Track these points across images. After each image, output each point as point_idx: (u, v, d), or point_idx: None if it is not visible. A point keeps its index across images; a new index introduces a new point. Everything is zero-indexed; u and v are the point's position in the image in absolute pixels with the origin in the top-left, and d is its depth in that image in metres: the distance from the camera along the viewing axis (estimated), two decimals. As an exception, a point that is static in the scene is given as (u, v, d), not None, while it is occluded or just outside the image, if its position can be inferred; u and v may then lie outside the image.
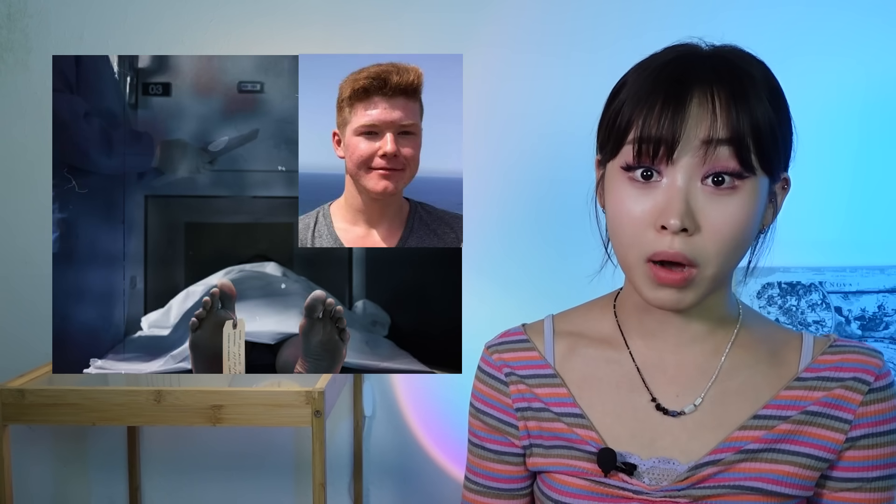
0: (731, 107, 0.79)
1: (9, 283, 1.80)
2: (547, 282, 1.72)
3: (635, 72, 0.85)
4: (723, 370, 0.89)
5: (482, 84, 1.71)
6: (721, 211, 0.80)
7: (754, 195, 0.81)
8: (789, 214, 0.99)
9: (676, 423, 0.88)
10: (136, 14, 1.75)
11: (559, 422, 0.91)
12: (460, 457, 1.03)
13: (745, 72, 0.81)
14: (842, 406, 0.86)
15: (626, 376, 0.91)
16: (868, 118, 1.67)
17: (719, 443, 0.86)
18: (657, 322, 0.90)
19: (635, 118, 0.81)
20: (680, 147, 0.79)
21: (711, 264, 0.80)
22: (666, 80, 0.81)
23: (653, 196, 0.81)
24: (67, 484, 1.85)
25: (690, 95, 0.79)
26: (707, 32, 0.89)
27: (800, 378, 0.88)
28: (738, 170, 0.79)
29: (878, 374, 0.87)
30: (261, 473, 1.82)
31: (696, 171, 0.80)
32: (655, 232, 0.80)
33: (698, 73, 0.80)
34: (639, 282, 0.83)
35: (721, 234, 0.80)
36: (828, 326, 1.66)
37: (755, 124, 0.79)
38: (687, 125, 0.79)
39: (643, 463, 0.87)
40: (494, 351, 0.97)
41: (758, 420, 0.87)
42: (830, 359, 0.89)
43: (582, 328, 0.96)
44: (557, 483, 0.91)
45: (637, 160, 0.81)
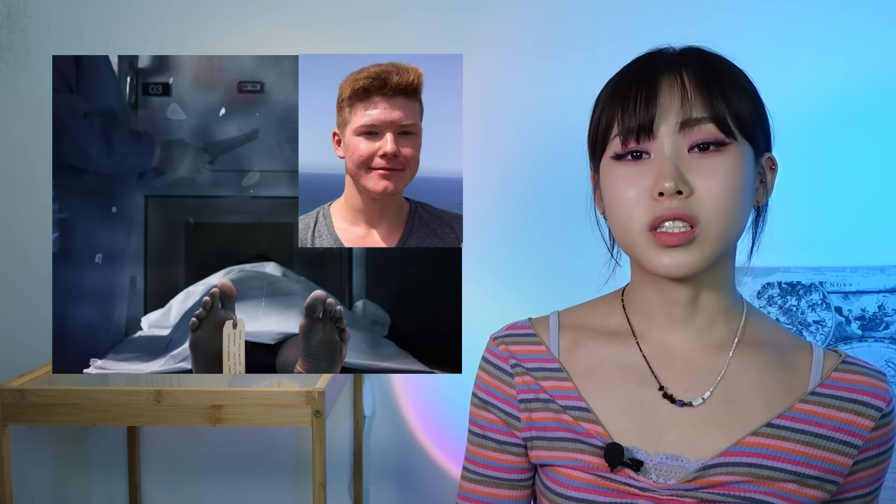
0: (703, 87, 0.84)
1: (9, 283, 1.80)
2: (547, 281, 1.72)
3: (606, 85, 0.91)
4: (731, 367, 0.89)
5: (482, 84, 1.71)
6: (711, 172, 0.83)
7: (740, 158, 0.84)
8: (789, 214, 0.99)
9: (684, 416, 0.88)
10: (136, 14, 1.75)
11: (565, 414, 0.91)
12: (460, 457, 1.02)
13: (712, 58, 0.87)
14: (852, 432, 0.87)
15: (632, 368, 0.91)
16: (868, 118, 1.67)
17: (731, 445, 0.86)
18: (664, 312, 0.91)
19: (615, 114, 0.86)
20: (659, 121, 0.84)
21: (712, 222, 0.83)
22: (636, 73, 0.87)
23: (644, 172, 0.85)
24: (67, 484, 1.85)
25: (660, 78, 0.85)
26: (703, 32, 0.90)
27: (814, 393, 0.88)
28: (720, 137, 0.84)
29: (888, 399, 0.89)
30: (261, 473, 1.82)
31: (681, 143, 0.84)
32: (652, 201, 0.83)
33: (665, 61, 0.87)
34: (644, 255, 0.85)
35: (714, 192, 0.83)
36: (828, 326, 1.66)
37: (728, 100, 0.84)
38: (660, 104, 0.84)
39: (651, 459, 0.87)
40: (501, 342, 0.97)
41: (771, 429, 0.86)
42: (843, 377, 0.89)
43: (588, 322, 0.96)
44: (562, 476, 0.90)
45: (624, 146, 0.86)
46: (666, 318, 0.91)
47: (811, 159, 1.64)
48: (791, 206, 0.91)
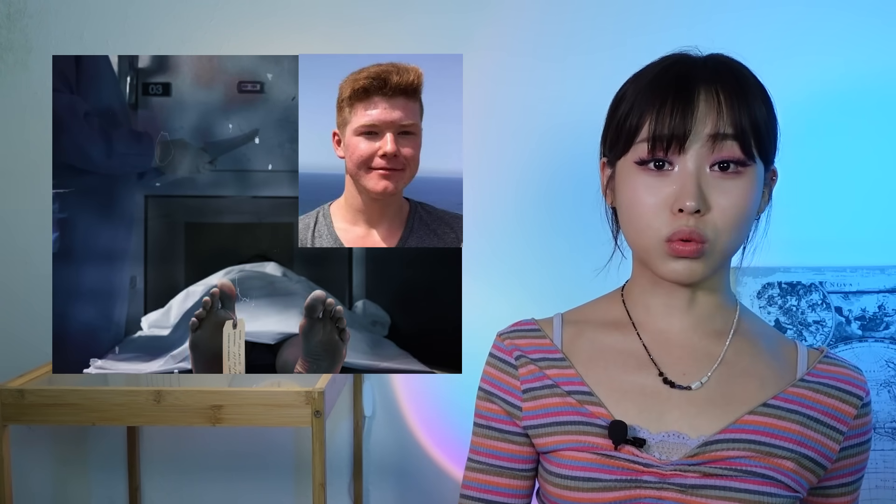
0: (733, 103, 0.87)
1: (9, 283, 1.80)
2: (547, 281, 1.72)
3: (636, 80, 0.93)
4: (727, 354, 0.94)
5: (482, 84, 1.71)
6: (728, 193, 0.88)
7: (754, 180, 0.89)
8: (789, 214, 0.99)
9: (684, 397, 0.92)
10: (136, 14, 1.75)
11: (569, 397, 0.94)
12: (460, 457, 1.03)
13: (740, 73, 0.91)
14: (838, 417, 0.93)
15: (633, 355, 0.95)
16: (868, 118, 1.67)
17: (730, 423, 0.90)
18: (664, 304, 0.96)
19: (646, 117, 0.89)
20: (690, 139, 0.87)
21: (720, 239, 0.88)
22: (672, 81, 0.89)
23: (667, 183, 0.88)
24: (67, 484, 1.84)
25: (697, 92, 0.88)
26: (702, 34, 0.91)
27: (803, 380, 0.94)
28: (742, 158, 0.88)
29: (866, 390, 0.96)
30: (261, 473, 1.82)
31: (704, 159, 0.88)
32: (672, 215, 0.88)
33: (701, 74, 0.89)
34: (656, 261, 0.90)
35: (728, 213, 0.88)
36: (828, 326, 1.66)
37: (753, 119, 0.88)
38: (696, 119, 0.87)
39: (653, 437, 0.90)
40: (507, 337, 1.02)
41: (769, 408, 0.91)
42: (826, 368, 0.96)
43: (589, 316, 1.01)
44: (567, 459, 0.92)
45: (651, 154, 0.89)
46: (665, 310, 0.96)
47: (811, 159, 1.64)
48: (791, 206, 0.92)
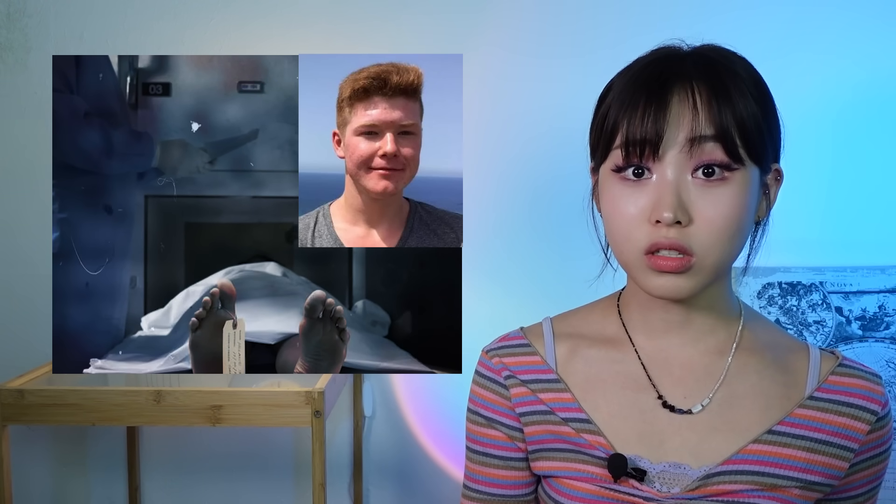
0: (712, 102, 0.80)
1: (9, 283, 1.80)
2: (547, 282, 1.72)
3: (620, 76, 0.87)
4: (730, 372, 0.89)
5: (482, 84, 1.71)
6: (713, 202, 0.81)
7: (745, 186, 0.82)
8: (789, 214, 0.99)
9: (685, 423, 0.87)
10: (136, 14, 1.75)
11: (566, 426, 0.90)
12: (460, 457, 1.02)
13: (725, 67, 0.83)
14: (849, 436, 0.88)
15: (631, 376, 0.90)
16: (869, 118, 1.67)
17: (733, 453, 0.86)
18: (661, 319, 0.90)
19: (620, 121, 0.83)
20: (665, 144, 0.81)
21: (709, 254, 0.81)
22: (646, 82, 0.83)
23: (645, 193, 0.82)
24: (67, 484, 1.85)
25: (671, 94, 0.81)
26: (703, 34, 0.89)
27: (813, 398, 0.89)
28: (727, 161, 0.81)
29: (883, 402, 0.89)
30: (261, 473, 1.82)
31: (685, 165, 0.81)
32: (650, 226, 0.82)
33: (678, 72, 0.82)
34: (639, 275, 0.84)
35: (714, 224, 0.81)
36: (828, 326, 1.66)
37: (739, 117, 0.81)
38: (669, 123, 0.80)
39: (653, 467, 0.86)
40: (494, 354, 0.95)
41: (773, 436, 0.87)
42: (839, 381, 0.89)
43: (583, 330, 0.95)
44: (566, 487, 0.89)
45: (626, 161, 0.83)
46: (662, 325, 0.90)
47: (811, 159, 1.64)
48: (791, 206, 0.92)
